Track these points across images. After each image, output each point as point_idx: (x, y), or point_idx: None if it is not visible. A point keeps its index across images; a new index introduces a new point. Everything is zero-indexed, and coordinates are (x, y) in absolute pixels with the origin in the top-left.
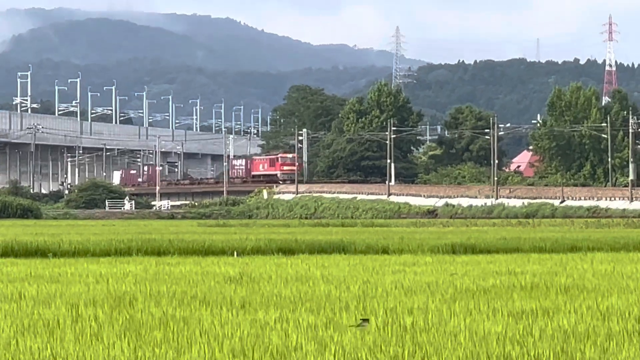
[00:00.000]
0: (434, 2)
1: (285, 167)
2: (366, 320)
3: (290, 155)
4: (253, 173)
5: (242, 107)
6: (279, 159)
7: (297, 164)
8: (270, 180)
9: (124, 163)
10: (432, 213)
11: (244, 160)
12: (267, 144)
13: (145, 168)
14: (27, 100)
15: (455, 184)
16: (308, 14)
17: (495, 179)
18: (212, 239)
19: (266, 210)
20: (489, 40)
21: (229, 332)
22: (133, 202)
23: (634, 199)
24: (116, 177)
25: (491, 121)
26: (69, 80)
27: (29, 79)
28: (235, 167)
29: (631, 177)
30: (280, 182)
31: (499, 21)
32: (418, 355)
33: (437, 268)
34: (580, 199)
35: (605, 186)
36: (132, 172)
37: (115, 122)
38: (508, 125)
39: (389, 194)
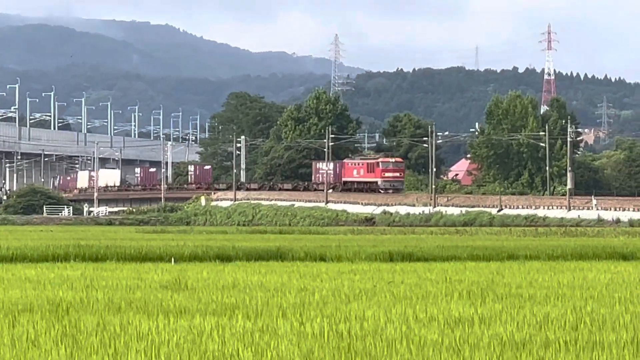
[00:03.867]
0: (371, 9)
1: (387, 174)
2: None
3: (393, 160)
4: (344, 179)
5: (180, 113)
6: (380, 163)
7: (403, 169)
8: (368, 188)
9: (63, 169)
10: (369, 221)
11: (332, 163)
12: (205, 150)
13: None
14: None
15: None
16: (246, 21)
17: (433, 187)
18: (149, 246)
19: (204, 217)
20: (427, 49)
21: (165, 338)
22: (71, 208)
23: (571, 207)
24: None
25: (429, 129)
26: (8, 86)
27: None
28: (320, 172)
29: (569, 186)
30: (382, 191)
31: (437, 30)
32: None
33: (375, 276)
34: (518, 207)
35: (543, 195)
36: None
37: (54, 128)
38: (446, 133)
39: (327, 202)
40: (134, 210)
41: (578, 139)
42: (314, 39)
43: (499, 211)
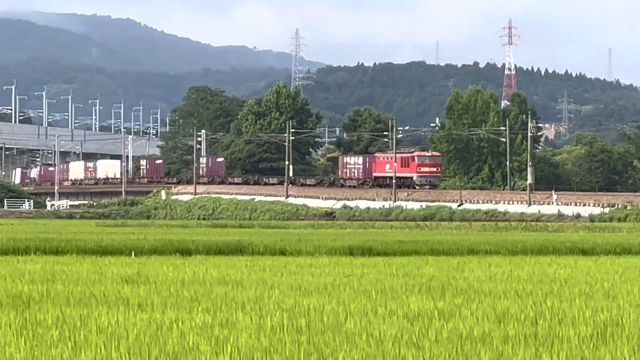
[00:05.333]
0: (331, 3)
1: (424, 169)
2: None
3: (429, 154)
4: (375, 174)
5: (141, 107)
6: (416, 157)
7: (440, 164)
8: (402, 184)
9: (23, 162)
10: (330, 215)
11: (361, 157)
12: (165, 144)
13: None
14: None
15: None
16: (206, 14)
17: (394, 181)
18: (110, 239)
19: (164, 210)
20: (387, 43)
21: (125, 331)
22: (32, 201)
23: (532, 202)
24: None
25: (390, 124)
26: None
27: None
28: (348, 166)
29: (529, 180)
30: (417, 187)
31: (397, 24)
32: (314, 357)
33: (335, 270)
34: (478, 202)
35: (503, 190)
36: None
37: (15, 122)
38: (407, 127)
39: (287, 196)
40: (94, 203)
41: (538, 134)
42: (275, 33)
43: (459, 206)
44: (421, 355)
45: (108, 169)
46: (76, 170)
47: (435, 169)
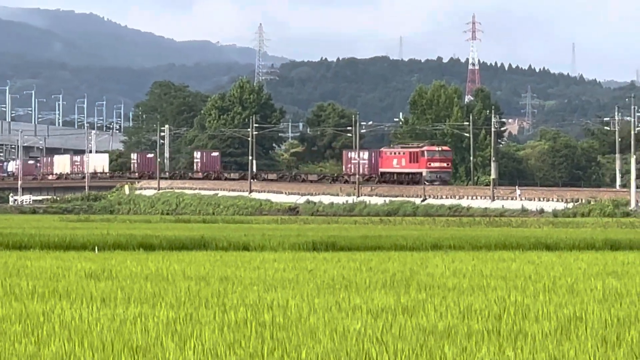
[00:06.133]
0: None
1: (433, 164)
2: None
3: (439, 148)
4: (382, 170)
5: (104, 102)
6: (425, 152)
7: (450, 159)
8: (411, 180)
9: None
10: (293, 210)
11: (367, 152)
12: (129, 139)
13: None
14: None
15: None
16: (170, 9)
17: (358, 176)
18: (73, 234)
19: (128, 205)
20: (351, 38)
21: (89, 327)
22: None
23: (495, 198)
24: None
25: (353, 119)
26: None
27: None
28: (352, 162)
29: (493, 176)
30: (427, 183)
31: (360, 19)
32: (277, 352)
33: (298, 265)
34: (442, 197)
35: (466, 185)
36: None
37: None
38: (370, 123)
39: (251, 191)
40: (58, 198)
41: (502, 129)
42: (238, 28)
43: (422, 201)
44: (385, 351)
45: (96, 162)
46: (62, 164)
47: (445, 164)
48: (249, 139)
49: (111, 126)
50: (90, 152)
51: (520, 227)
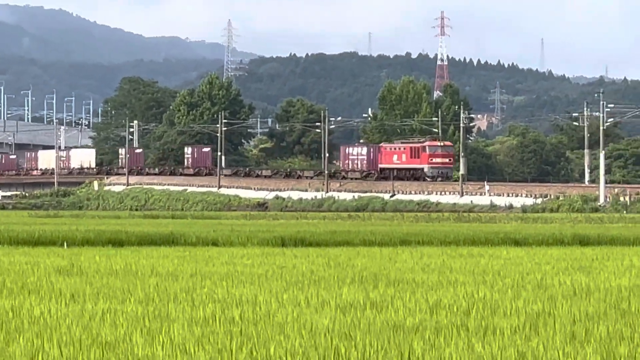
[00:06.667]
0: None
1: (435, 160)
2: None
3: (441, 143)
4: (381, 166)
5: (73, 98)
6: (427, 148)
7: (452, 154)
8: (412, 176)
9: None
10: (262, 206)
11: (365, 147)
12: (98, 135)
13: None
14: None
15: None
16: (136, 4)
17: (326, 172)
18: (42, 230)
19: (97, 201)
20: (320, 34)
21: (57, 322)
22: None
23: (464, 193)
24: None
25: (322, 114)
26: None
27: None
28: (350, 157)
29: (462, 171)
30: (428, 179)
31: (328, 15)
32: (246, 347)
33: (267, 260)
34: (410, 193)
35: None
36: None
37: None
38: (339, 118)
39: (220, 187)
40: (27, 194)
41: (471, 124)
42: (207, 24)
43: (391, 196)
44: (353, 346)
45: (82, 158)
46: (47, 159)
47: (447, 160)
48: (218, 134)
49: (80, 122)
50: (60, 148)
51: (489, 223)
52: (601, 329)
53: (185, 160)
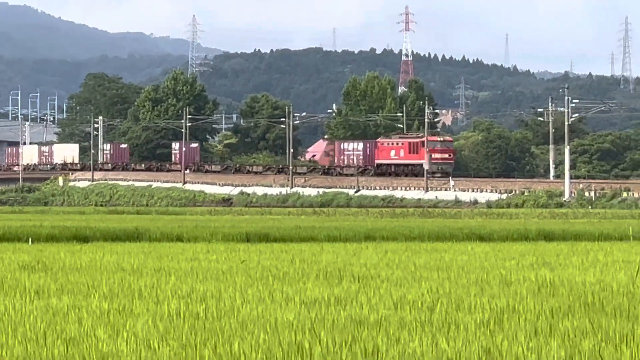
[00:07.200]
0: None
1: (435, 155)
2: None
3: (441, 139)
4: (378, 161)
5: (38, 94)
6: (427, 143)
7: (453, 150)
8: (410, 172)
9: None
10: (227, 201)
11: (361, 143)
12: (63, 131)
13: None
14: None
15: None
16: (101, 0)
17: (291, 167)
18: (7, 226)
19: (62, 197)
20: (284, 30)
21: (22, 318)
22: None
23: (429, 189)
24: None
25: (287, 110)
26: None
27: None
28: (346, 153)
29: (426, 167)
30: (429, 176)
31: (294, 10)
32: (210, 343)
33: (231, 256)
34: (375, 188)
35: (400, 176)
36: None
37: None
38: (304, 114)
39: (184, 182)
40: None
41: (436, 120)
42: (171, 20)
43: (356, 192)
44: (317, 342)
45: (66, 153)
46: (29, 154)
47: (447, 155)
48: (183, 130)
49: (45, 118)
50: (24, 144)
51: (454, 218)
52: (565, 325)
53: (173, 156)
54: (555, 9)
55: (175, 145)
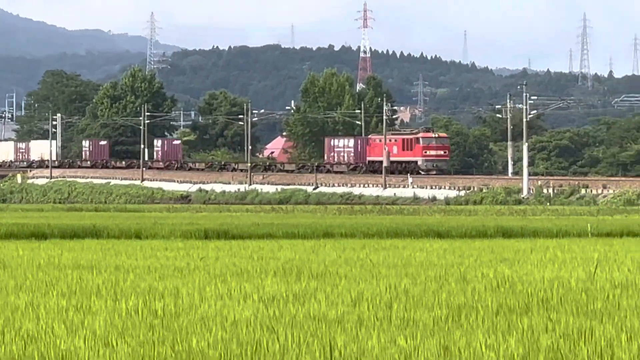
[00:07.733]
0: None
1: (430, 152)
2: None
3: (435, 135)
4: (369, 158)
5: None
6: (421, 139)
7: (448, 147)
8: (404, 169)
9: None
10: (185, 198)
11: (352, 139)
12: (21, 128)
13: None
14: None
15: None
16: None
17: (249, 164)
18: None
19: (20, 194)
20: (243, 27)
21: None
22: None
23: (387, 186)
24: None
25: (245, 107)
26: None
27: None
28: (336, 150)
29: (385, 164)
30: (422, 173)
31: (252, 7)
32: (168, 341)
33: (189, 253)
34: (334, 185)
35: (359, 173)
36: None
37: None
38: (262, 111)
39: (143, 179)
40: None
41: (394, 116)
42: (129, 17)
43: (314, 189)
44: (275, 338)
45: (43, 150)
46: (5, 151)
47: (443, 152)
48: (141, 127)
49: (3, 115)
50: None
51: (412, 215)
52: (524, 321)
53: (155, 154)
54: (513, 6)
55: (158, 142)
